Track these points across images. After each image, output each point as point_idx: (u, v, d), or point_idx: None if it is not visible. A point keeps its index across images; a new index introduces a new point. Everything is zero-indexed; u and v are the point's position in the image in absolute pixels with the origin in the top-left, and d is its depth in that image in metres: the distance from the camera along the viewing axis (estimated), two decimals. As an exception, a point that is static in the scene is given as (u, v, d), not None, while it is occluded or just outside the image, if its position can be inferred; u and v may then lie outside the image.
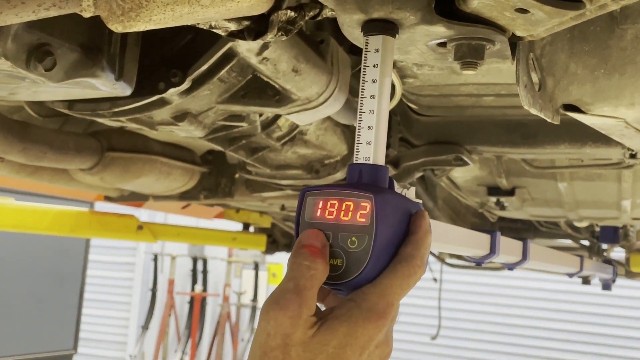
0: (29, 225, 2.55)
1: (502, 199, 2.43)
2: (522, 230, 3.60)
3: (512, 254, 1.59)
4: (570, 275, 2.44)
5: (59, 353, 5.68)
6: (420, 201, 0.83)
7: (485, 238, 1.42)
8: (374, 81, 0.79)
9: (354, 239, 0.75)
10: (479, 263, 1.50)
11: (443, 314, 4.50)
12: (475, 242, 1.36)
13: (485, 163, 2.21)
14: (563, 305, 8.39)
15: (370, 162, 0.79)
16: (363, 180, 0.79)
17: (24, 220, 2.53)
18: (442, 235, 1.07)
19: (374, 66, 0.79)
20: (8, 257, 5.13)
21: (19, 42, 0.82)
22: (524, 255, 1.60)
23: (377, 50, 0.79)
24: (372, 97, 0.79)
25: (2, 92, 1.00)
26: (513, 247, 1.61)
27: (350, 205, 0.76)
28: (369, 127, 0.79)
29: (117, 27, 0.73)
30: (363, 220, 0.75)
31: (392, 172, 1.74)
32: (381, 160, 0.79)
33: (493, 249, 1.44)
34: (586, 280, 3.48)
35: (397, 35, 0.79)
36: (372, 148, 0.79)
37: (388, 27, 0.79)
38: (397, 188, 0.82)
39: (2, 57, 0.80)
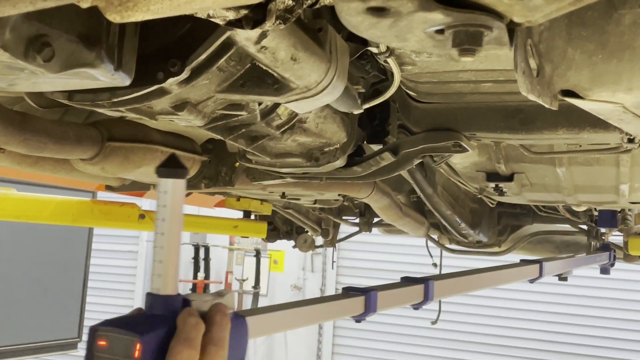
0: (32, 215, 2.56)
1: (501, 185, 2.43)
2: (521, 215, 3.61)
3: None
4: (532, 280, 2.52)
5: (63, 341, 5.71)
6: (232, 309, 0.96)
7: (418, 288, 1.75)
8: (163, 220, 0.90)
9: None
10: (415, 308, 1.87)
11: (443, 298, 4.51)
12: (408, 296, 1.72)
13: (484, 149, 2.21)
14: (562, 289, 8.41)
15: (161, 293, 0.89)
16: (153, 311, 0.90)
17: (27, 210, 2.53)
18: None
19: (163, 206, 0.90)
20: (12, 246, 5.15)
21: (17, 33, 0.82)
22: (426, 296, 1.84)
23: (166, 192, 0.90)
24: (162, 234, 0.90)
25: (2, 83, 1.00)
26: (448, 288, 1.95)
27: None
28: (160, 261, 0.89)
29: (114, 18, 0.73)
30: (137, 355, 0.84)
31: (390, 159, 1.74)
32: (172, 290, 0.90)
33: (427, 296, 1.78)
34: (562, 277, 3.49)
35: (186, 176, 0.91)
36: (162, 280, 0.89)
37: (178, 173, 0.91)
38: (206, 299, 0.94)
39: (1, 49, 0.81)
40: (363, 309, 1.59)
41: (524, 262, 2.62)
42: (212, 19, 0.87)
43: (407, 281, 1.85)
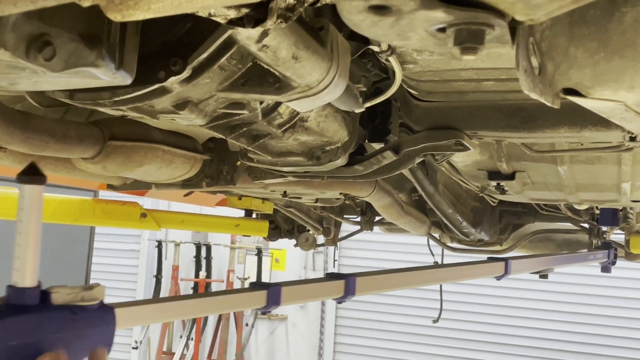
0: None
1: (503, 183, 2.43)
2: (523, 213, 3.61)
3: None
4: (498, 277, 2.52)
5: (64, 340, 5.72)
6: (99, 300, 1.11)
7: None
8: (21, 221, 1.01)
9: None
10: (339, 302, 1.93)
11: (445, 297, 4.52)
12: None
13: (486, 147, 2.21)
14: (566, 288, 8.41)
15: (19, 285, 1.00)
16: (11, 301, 1.01)
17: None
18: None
19: (21, 209, 1.01)
20: (12, 243, 5.15)
21: (18, 32, 0.82)
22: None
23: (24, 197, 1.02)
24: (20, 234, 1.01)
25: (3, 82, 1.00)
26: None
27: None
28: (18, 258, 1.01)
29: (115, 16, 0.73)
30: None
31: (392, 158, 1.74)
32: (29, 283, 1.02)
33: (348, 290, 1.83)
34: (543, 275, 3.49)
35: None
36: (20, 274, 1.01)
37: (36, 180, 1.02)
38: (70, 292, 1.06)
39: (2, 48, 0.80)
40: (265, 303, 1.72)
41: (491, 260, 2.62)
42: (213, 18, 0.87)
43: (331, 277, 1.94)
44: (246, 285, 9.15)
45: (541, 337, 8.63)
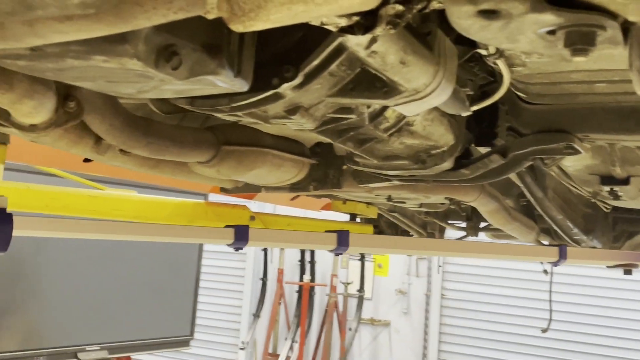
0: (150, 216, 2.70)
1: (616, 188, 2.35)
2: (637, 221, 3.45)
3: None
4: (555, 263, 2.45)
5: (176, 338, 5.97)
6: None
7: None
8: None
9: None
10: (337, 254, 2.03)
11: (555, 306, 4.38)
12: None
13: (598, 151, 2.14)
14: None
15: None
16: None
17: (146, 212, 2.68)
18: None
19: None
20: (131, 247, 5.44)
21: (149, 44, 0.89)
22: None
23: None
24: None
25: (132, 90, 1.08)
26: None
27: None
28: None
29: (237, 27, 0.78)
30: None
31: (499, 161, 1.73)
32: None
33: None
34: (627, 271, 3.30)
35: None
36: None
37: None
38: None
39: (135, 58, 0.88)
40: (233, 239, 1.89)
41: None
42: (325, 26, 0.91)
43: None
44: (350, 290, 9.19)
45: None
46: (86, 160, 1.93)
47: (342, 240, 1.97)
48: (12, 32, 0.78)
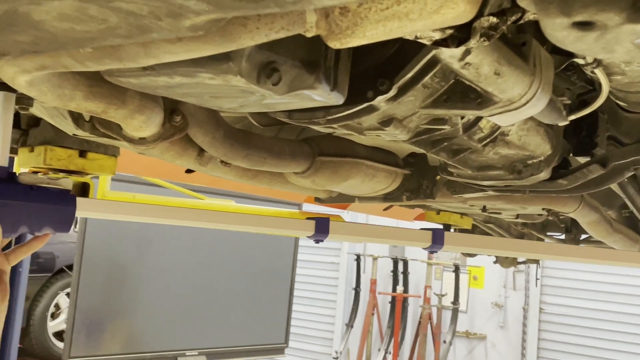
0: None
1: None
2: None
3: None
4: None
5: (271, 345, 6.08)
6: (67, 189, 1.38)
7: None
8: None
9: None
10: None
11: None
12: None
13: None
14: None
15: None
16: None
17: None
18: None
19: None
20: (229, 255, 5.60)
21: (251, 62, 0.94)
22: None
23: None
24: None
25: (234, 104, 1.14)
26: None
27: None
28: None
29: (335, 44, 0.82)
30: None
31: (599, 171, 1.69)
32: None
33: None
34: None
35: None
36: None
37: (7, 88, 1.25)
38: (37, 180, 1.30)
39: (238, 75, 0.93)
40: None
41: None
42: (419, 40, 0.94)
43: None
44: (444, 302, 9.08)
45: None
46: (188, 171, 2.04)
47: (437, 238, 1.96)
48: (127, 53, 0.85)
